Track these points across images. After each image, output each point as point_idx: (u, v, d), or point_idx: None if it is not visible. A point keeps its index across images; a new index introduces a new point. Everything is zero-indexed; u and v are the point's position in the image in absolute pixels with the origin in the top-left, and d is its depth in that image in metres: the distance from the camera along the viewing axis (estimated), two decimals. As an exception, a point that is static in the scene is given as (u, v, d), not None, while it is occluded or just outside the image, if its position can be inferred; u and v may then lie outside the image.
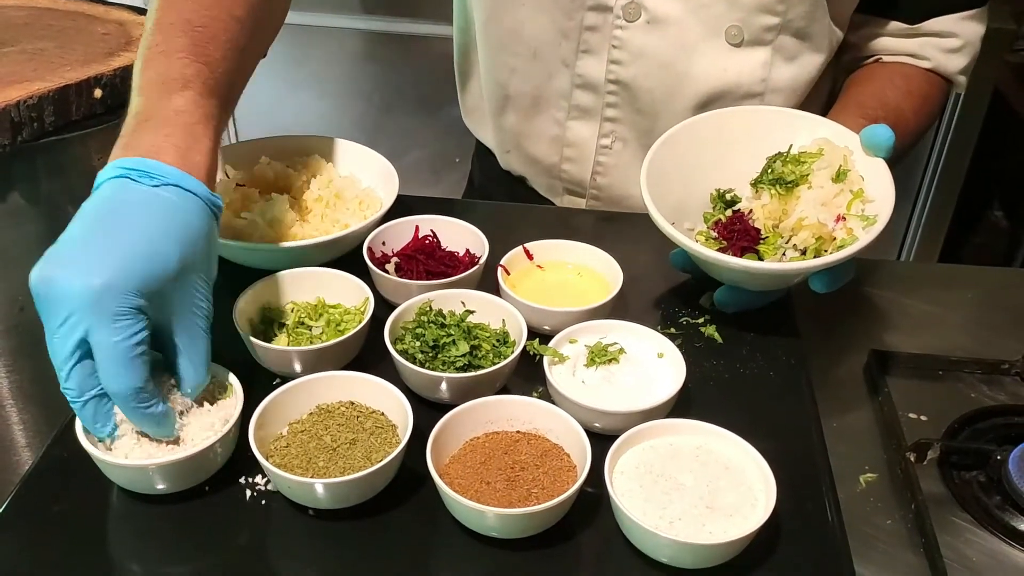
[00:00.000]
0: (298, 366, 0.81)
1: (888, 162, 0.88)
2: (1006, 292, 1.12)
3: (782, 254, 0.87)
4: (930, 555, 0.77)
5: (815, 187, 0.87)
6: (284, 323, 0.84)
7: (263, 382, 0.82)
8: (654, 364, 0.82)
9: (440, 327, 0.82)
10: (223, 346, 0.84)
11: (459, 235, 0.95)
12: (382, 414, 0.75)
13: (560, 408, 0.75)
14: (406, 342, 0.81)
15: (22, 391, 1.03)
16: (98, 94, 0.94)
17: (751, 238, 0.89)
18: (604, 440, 0.72)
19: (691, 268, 0.94)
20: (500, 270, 0.90)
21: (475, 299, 0.85)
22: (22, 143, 0.89)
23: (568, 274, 0.93)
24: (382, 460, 0.69)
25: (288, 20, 0.96)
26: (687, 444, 0.74)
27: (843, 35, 1.05)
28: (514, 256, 0.92)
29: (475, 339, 0.81)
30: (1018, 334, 1.02)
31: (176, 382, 0.72)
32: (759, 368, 0.86)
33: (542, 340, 0.83)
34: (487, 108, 1.19)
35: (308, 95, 2.18)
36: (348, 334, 0.81)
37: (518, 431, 0.75)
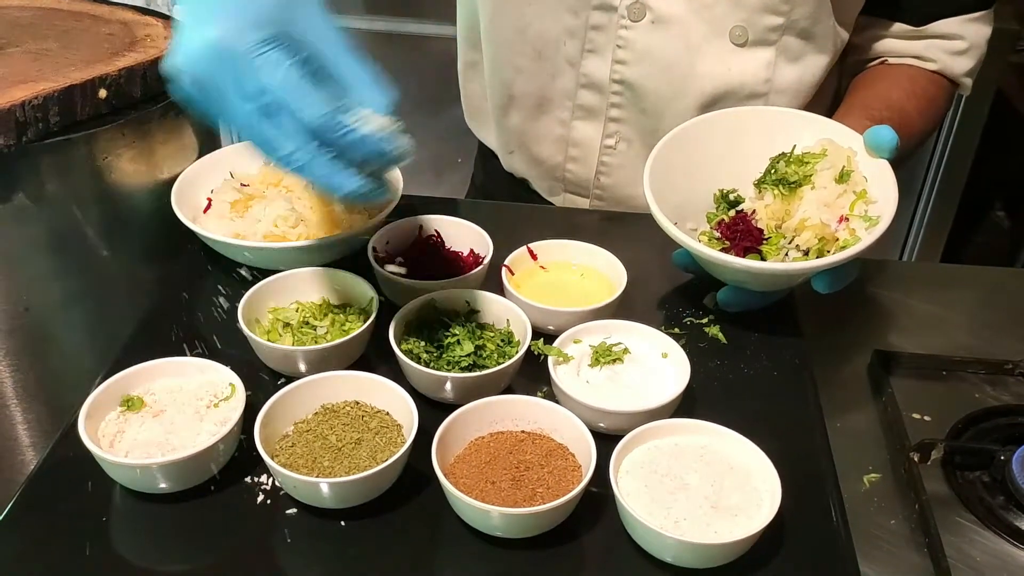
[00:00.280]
0: (303, 366, 0.81)
1: (892, 163, 0.88)
2: (1009, 292, 1.12)
3: (785, 254, 0.87)
4: (934, 555, 0.77)
5: (818, 188, 0.88)
6: (289, 323, 0.84)
7: (268, 382, 0.82)
8: (658, 364, 0.82)
9: (445, 327, 0.82)
10: (227, 346, 0.85)
11: (463, 235, 0.95)
12: (387, 414, 0.76)
13: (565, 408, 0.75)
14: (411, 342, 0.81)
15: (27, 391, 1.03)
16: (103, 94, 0.94)
17: (754, 238, 0.89)
18: (609, 440, 0.72)
19: (694, 268, 0.94)
20: (504, 270, 0.90)
21: (479, 299, 0.86)
22: (27, 143, 0.89)
23: (572, 274, 0.93)
24: (387, 460, 0.69)
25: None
26: (692, 444, 0.74)
27: (848, 36, 1.05)
28: (518, 256, 0.92)
29: (480, 339, 0.81)
30: (1021, 334, 1.02)
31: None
32: (763, 368, 0.87)
33: (546, 340, 0.83)
34: (491, 108, 1.19)
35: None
36: (353, 334, 0.81)
37: (523, 431, 0.75)
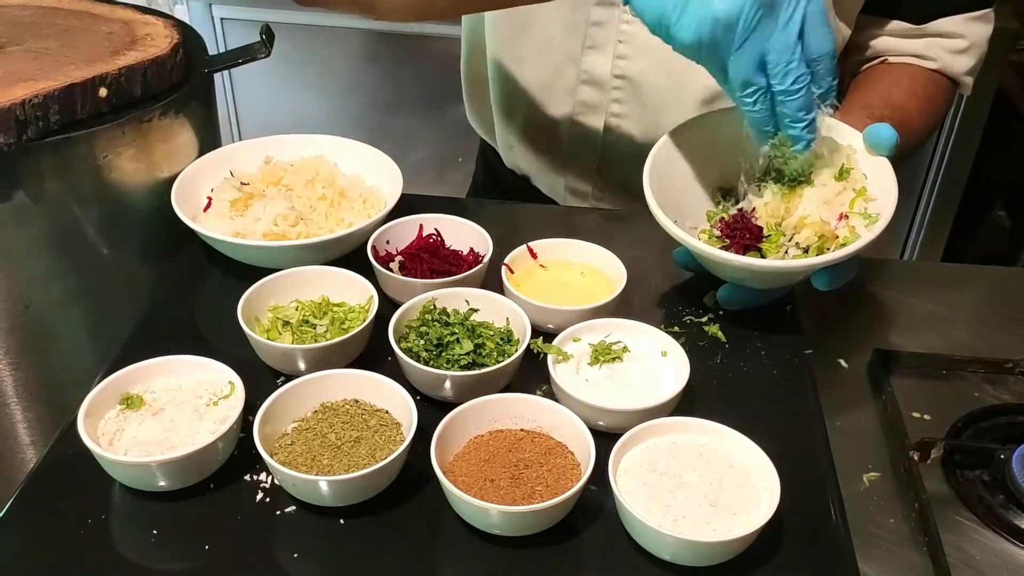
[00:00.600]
0: (303, 364, 0.81)
1: (892, 162, 0.88)
2: (1009, 291, 1.12)
3: (784, 252, 0.87)
4: (933, 554, 0.77)
5: (818, 185, 0.87)
6: (289, 321, 0.84)
7: (268, 380, 0.82)
8: (658, 362, 0.82)
9: (444, 325, 0.82)
10: (227, 344, 0.85)
11: (463, 234, 0.95)
12: (386, 412, 0.76)
13: (564, 406, 0.75)
14: (410, 340, 0.82)
15: (27, 389, 1.03)
16: (103, 93, 0.94)
17: (753, 236, 0.89)
18: (608, 438, 0.72)
19: (694, 266, 0.94)
20: (504, 269, 0.90)
21: (479, 297, 0.86)
22: (27, 142, 0.89)
23: (572, 273, 0.93)
24: (386, 458, 0.69)
25: (291, 20, 0.96)
26: (691, 442, 0.74)
27: (849, 33, 1.05)
28: (518, 255, 0.92)
29: (479, 337, 0.81)
30: (1021, 333, 1.02)
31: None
32: (763, 367, 0.87)
33: (546, 338, 0.83)
34: (493, 103, 1.19)
35: (312, 95, 2.18)
36: (352, 332, 0.81)
37: (522, 429, 0.75)
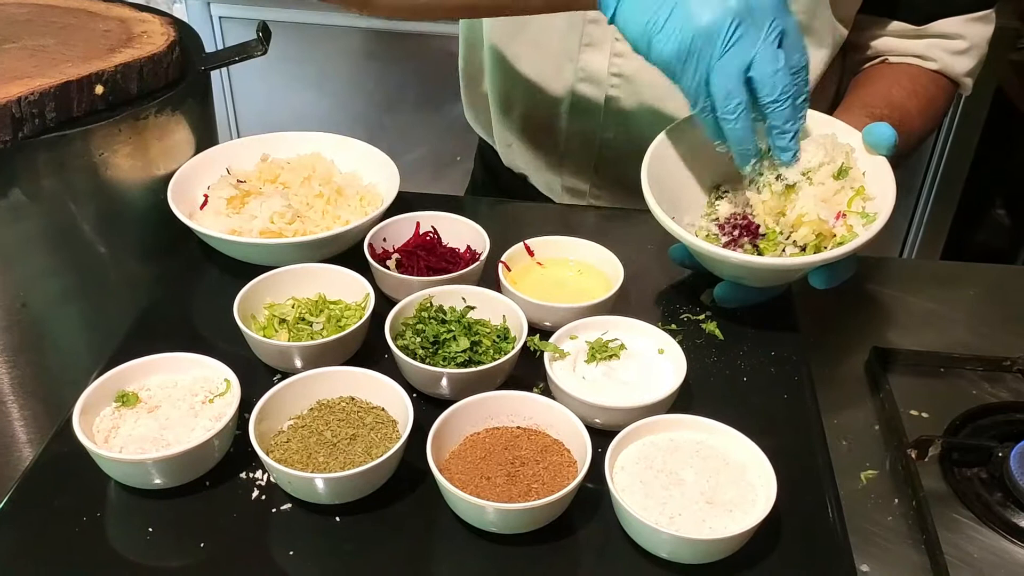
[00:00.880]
0: (299, 362, 0.81)
1: (891, 162, 0.88)
2: (1008, 289, 1.12)
3: (782, 250, 0.87)
4: (931, 551, 0.77)
5: (816, 183, 0.87)
6: (285, 319, 0.84)
7: (264, 377, 0.82)
8: (654, 360, 0.82)
9: (441, 323, 0.82)
10: (223, 342, 0.85)
11: (460, 231, 0.95)
12: (383, 410, 0.75)
13: (561, 404, 0.75)
14: (407, 338, 0.81)
15: (23, 387, 1.03)
16: (99, 90, 0.94)
17: (751, 234, 0.88)
18: (604, 436, 0.72)
19: (691, 264, 0.93)
20: (501, 266, 0.90)
21: (476, 295, 0.85)
22: (23, 139, 0.89)
23: (569, 270, 0.93)
24: (382, 455, 0.69)
25: (290, 18, 0.96)
26: (687, 440, 0.74)
27: (847, 33, 1.05)
28: (515, 252, 0.92)
29: (476, 335, 0.81)
30: (1020, 331, 1.02)
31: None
32: (760, 364, 0.86)
33: (543, 336, 0.83)
34: (491, 101, 1.19)
35: (310, 93, 2.18)
36: (349, 330, 0.81)
37: (518, 427, 0.75)
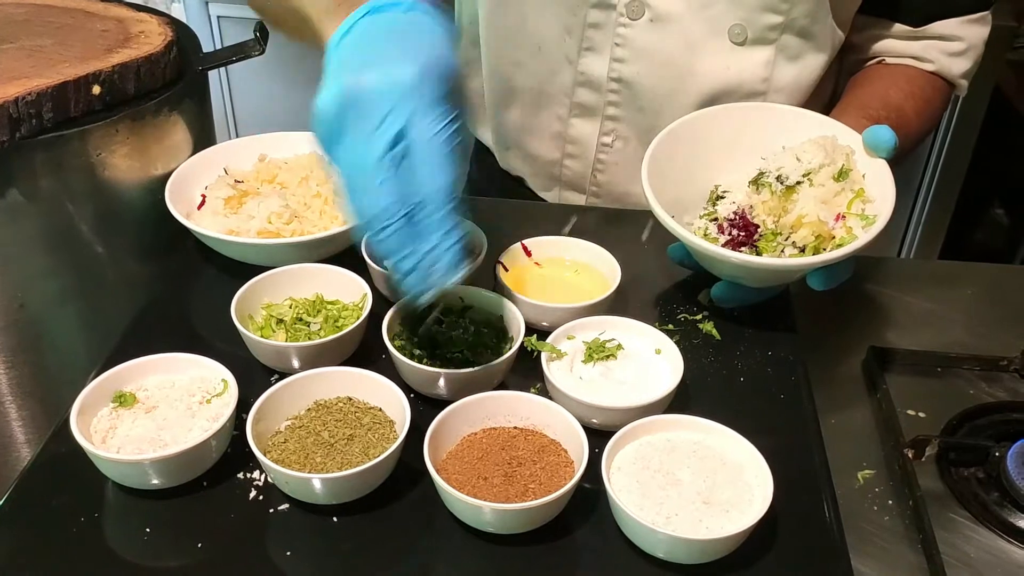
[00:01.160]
0: (296, 362, 0.81)
1: (889, 162, 0.88)
2: (1006, 289, 1.12)
3: (781, 251, 0.87)
4: (928, 551, 0.77)
5: (816, 185, 0.87)
6: (283, 319, 0.84)
7: (261, 378, 0.82)
8: (652, 360, 0.82)
9: (438, 323, 0.82)
10: (221, 342, 0.85)
11: (457, 231, 0.95)
12: (380, 410, 0.75)
13: (558, 404, 0.75)
14: (404, 338, 0.81)
15: (21, 388, 1.03)
16: (97, 91, 0.94)
17: (750, 234, 0.89)
18: (601, 436, 0.72)
19: (690, 263, 0.93)
20: (498, 266, 0.90)
21: (473, 295, 0.85)
22: (20, 139, 0.89)
23: (566, 271, 0.93)
24: (379, 456, 0.69)
25: (288, 17, 0.96)
26: (684, 440, 0.74)
27: (844, 36, 1.05)
28: (512, 252, 0.92)
29: (473, 335, 0.81)
30: (1017, 331, 1.02)
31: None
32: (757, 364, 0.86)
33: (540, 336, 0.83)
34: (488, 104, 1.19)
35: (308, 93, 2.17)
36: (346, 330, 0.81)
37: (516, 427, 0.75)
